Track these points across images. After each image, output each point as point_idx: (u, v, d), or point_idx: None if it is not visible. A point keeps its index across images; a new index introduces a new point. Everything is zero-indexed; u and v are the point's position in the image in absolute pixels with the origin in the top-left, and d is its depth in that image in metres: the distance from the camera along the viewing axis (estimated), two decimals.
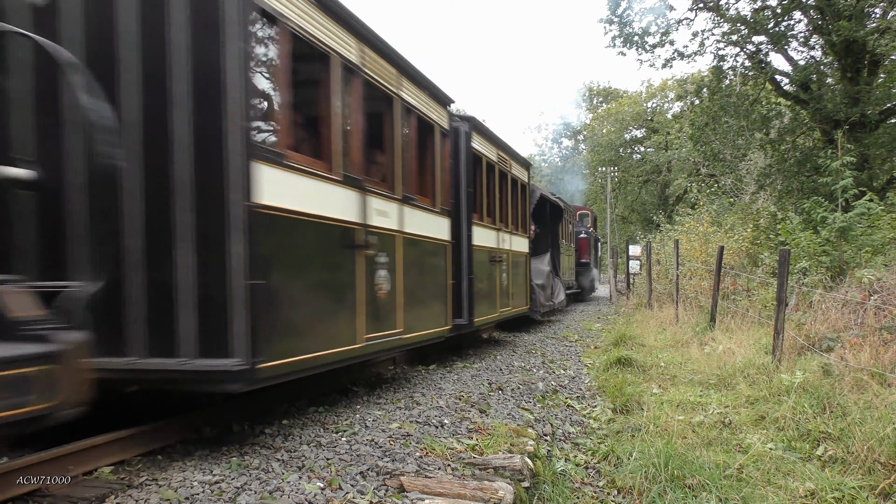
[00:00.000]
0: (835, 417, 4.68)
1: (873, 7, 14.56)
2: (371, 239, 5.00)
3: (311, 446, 4.00)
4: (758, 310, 9.38)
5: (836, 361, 5.75)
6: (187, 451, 3.98)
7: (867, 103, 14.37)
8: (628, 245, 22.20)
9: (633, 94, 50.30)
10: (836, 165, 9.24)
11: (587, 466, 4.40)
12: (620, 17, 18.48)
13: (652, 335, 10.52)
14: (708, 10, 17.75)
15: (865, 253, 8.39)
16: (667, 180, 44.21)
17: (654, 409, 5.47)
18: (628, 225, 53.24)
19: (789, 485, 3.77)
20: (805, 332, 7.02)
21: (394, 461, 3.68)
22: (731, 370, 6.63)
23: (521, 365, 7.82)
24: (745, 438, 4.66)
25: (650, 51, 18.60)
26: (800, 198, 14.39)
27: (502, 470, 3.58)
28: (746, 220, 15.13)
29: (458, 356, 8.49)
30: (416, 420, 4.68)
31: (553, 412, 5.61)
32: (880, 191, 14.03)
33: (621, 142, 49.73)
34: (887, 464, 3.86)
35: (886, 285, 6.93)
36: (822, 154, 13.46)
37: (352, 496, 3.16)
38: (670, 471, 3.86)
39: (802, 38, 16.69)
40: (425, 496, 3.14)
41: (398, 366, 7.51)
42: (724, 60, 17.90)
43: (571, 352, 9.54)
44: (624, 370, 7.53)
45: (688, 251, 15.02)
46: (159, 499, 3.11)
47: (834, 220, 8.75)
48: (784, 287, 6.71)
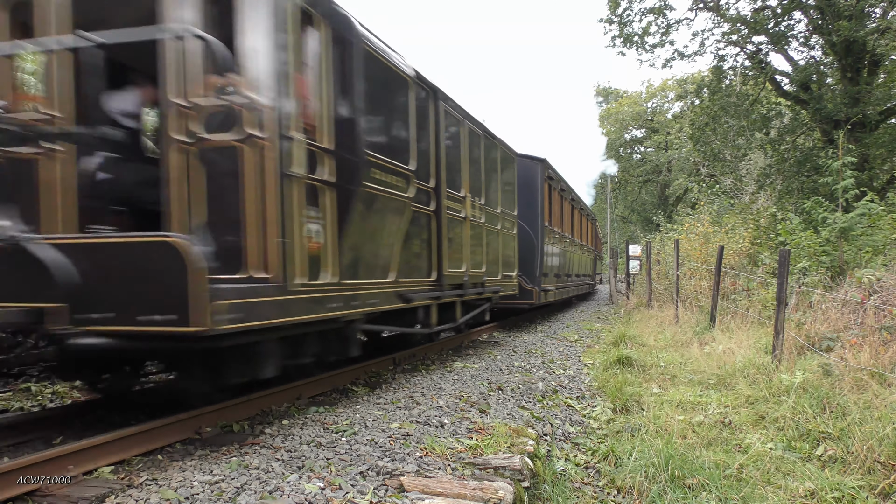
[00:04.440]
0: (835, 417, 4.68)
1: (873, 7, 14.55)
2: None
3: (311, 446, 4.00)
4: (758, 310, 9.37)
5: (835, 361, 5.75)
6: (187, 451, 3.98)
7: (867, 103, 14.36)
8: (628, 245, 22.20)
9: (633, 94, 50.30)
10: (836, 165, 9.23)
11: (587, 466, 4.40)
12: (620, 17, 18.48)
13: (652, 335, 10.52)
14: (708, 10, 17.76)
15: (865, 253, 8.38)
16: (667, 180, 44.22)
17: (653, 409, 5.47)
18: (628, 225, 53.25)
19: (789, 485, 3.77)
20: (805, 332, 7.02)
21: (394, 461, 3.68)
22: (731, 370, 6.63)
23: (521, 365, 7.82)
24: (745, 438, 4.66)
25: (650, 51, 18.62)
26: (800, 198, 14.39)
27: (502, 470, 3.58)
28: (746, 220, 15.13)
29: (458, 356, 8.49)
30: (416, 420, 4.68)
31: (553, 412, 5.61)
32: (880, 191, 14.04)
33: (621, 142, 49.75)
34: (887, 464, 3.86)
35: (886, 285, 6.92)
36: (823, 154, 13.47)
37: (352, 496, 3.16)
38: (670, 471, 3.86)
39: (802, 38, 16.69)
40: (425, 496, 3.14)
41: (398, 366, 7.52)
42: (724, 60, 17.92)
43: (571, 352, 9.54)
44: (624, 370, 7.53)
45: (688, 251, 15.02)
46: (159, 499, 3.11)
47: (834, 221, 8.74)
48: (784, 287, 6.71)
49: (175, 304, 3.59)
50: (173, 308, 3.60)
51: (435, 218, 7.25)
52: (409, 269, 6.59)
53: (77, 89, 4.51)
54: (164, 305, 3.61)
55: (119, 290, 3.68)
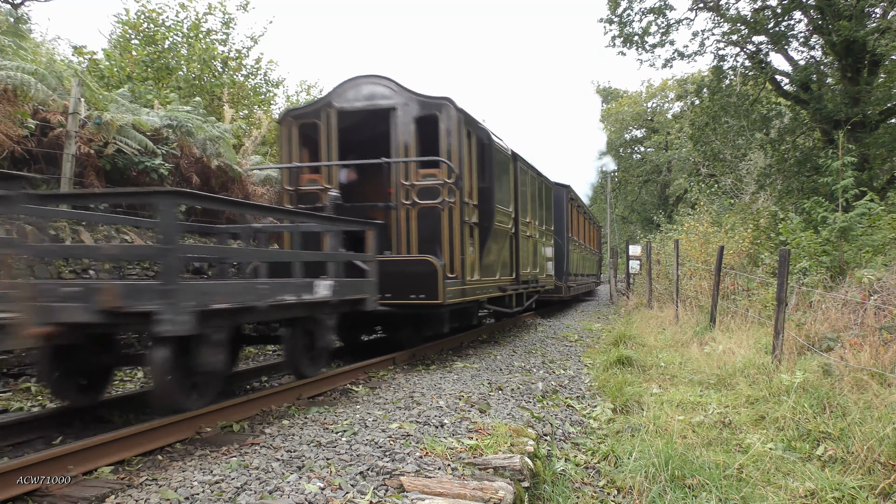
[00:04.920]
0: (835, 417, 4.67)
1: (873, 7, 14.54)
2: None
3: (310, 446, 4.00)
4: (758, 310, 9.37)
5: (836, 361, 5.75)
6: (187, 451, 3.98)
7: (867, 103, 14.35)
8: (628, 245, 22.20)
9: (633, 94, 50.29)
10: (836, 165, 9.23)
11: (587, 466, 4.40)
12: (620, 16, 18.46)
13: (652, 335, 10.51)
14: (708, 10, 17.74)
15: (866, 253, 8.38)
16: (667, 180, 44.21)
17: (653, 409, 5.47)
18: (628, 225, 53.23)
19: (789, 485, 3.76)
20: (805, 332, 7.02)
21: (394, 461, 3.67)
22: (731, 370, 6.63)
23: (521, 365, 7.82)
24: (745, 438, 4.66)
25: (650, 51, 18.60)
26: (800, 198, 14.38)
27: (502, 470, 3.58)
28: (746, 220, 15.13)
29: (458, 356, 8.48)
30: (416, 420, 4.68)
31: (553, 412, 5.60)
32: (880, 191, 14.02)
33: (621, 142, 49.73)
34: (887, 464, 3.86)
35: (886, 285, 6.92)
36: (823, 154, 13.45)
37: (352, 496, 3.15)
38: (670, 471, 3.86)
39: (802, 38, 16.67)
40: (425, 496, 3.14)
41: (398, 365, 7.51)
42: (724, 60, 17.90)
43: (571, 352, 9.54)
44: (624, 370, 7.53)
45: (688, 251, 15.02)
46: (159, 499, 3.11)
47: (834, 220, 8.74)
48: (784, 287, 6.71)
49: (429, 289, 7.25)
50: (428, 291, 7.25)
51: (514, 237, 10.57)
52: (503, 271, 9.98)
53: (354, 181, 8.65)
54: (424, 290, 7.26)
55: (400, 283, 7.32)
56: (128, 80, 13.88)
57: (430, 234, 7.90)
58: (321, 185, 8.28)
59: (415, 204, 7.98)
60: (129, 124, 8.88)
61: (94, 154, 8.39)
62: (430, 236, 7.90)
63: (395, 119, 8.05)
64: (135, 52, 15.54)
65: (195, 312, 3.96)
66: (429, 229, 7.90)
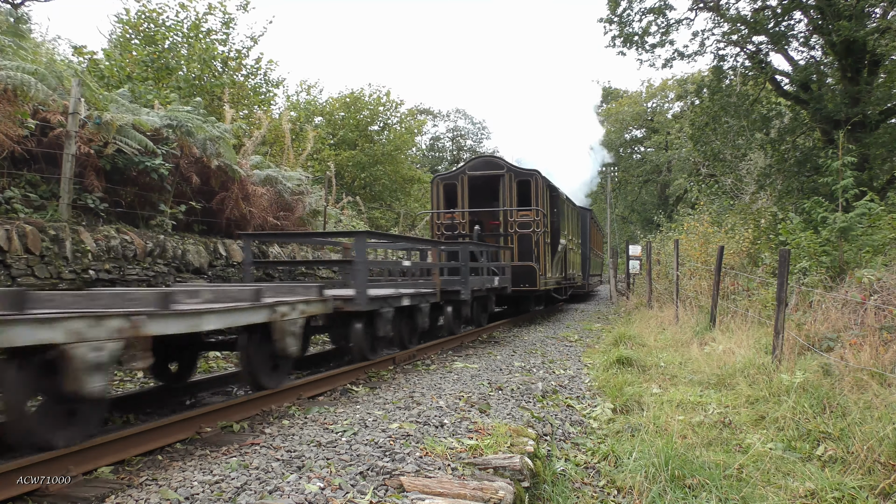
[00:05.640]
0: (835, 417, 4.67)
1: (873, 7, 14.53)
2: None
3: (310, 446, 4.00)
4: (758, 310, 9.37)
5: (836, 361, 5.75)
6: (187, 451, 3.98)
7: (867, 103, 14.33)
8: (628, 245, 22.21)
9: (633, 94, 50.28)
10: (836, 165, 9.22)
11: (587, 466, 4.40)
12: (620, 16, 18.45)
13: (652, 335, 10.51)
14: (708, 10, 17.73)
15: (866, 253, 8.37)
16: (667, 180, 44.21)
17: (654, 409, 5.47)
18: (628, 225, 53.23)
19: (789, 485, 3.76)
20: (805, 332, 7.02)
21: (394, 461, 3.67)
22: (731, 370, 6.63)
23: (521, 365, 7.82)
24: (745, 438, 4.66)
25: (650, 51, 18.58)
26: (800, 198, 14.36)
27: (502, 470, 3.58)
28: (747, 220, 15.12)
29: (458, 356, 8.49)
30: (416, 420, 4.68)
31: (553, 412, 5.60)
32: (881, 191, 14.01)
33: (621, 142, 49.73)
34: (887, 464, 3.86)
35: (886, 285, 6.92)
36: (823, 154, 13.44)
37: (352, 496, 3.15)
38: (670, 471, 3.86)
39: (802, 38, 16.65)
40: (425, 496, 3.14)
41: (398, 365, 7.52)
42: (724, 60, 17.87)
43: (571, 352, 9.54)
44: (624, 370, 7.53)
45: (688, 251, 15.02)
46: (159, 499, 3.11)
47: (834, 221, 8.73)
48: (784, 287, 6.71)
49: (531, 280, 13.55)
50: (531, 282, 13.56)
51: (565, 250, 16.25)
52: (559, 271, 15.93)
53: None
54: (529, 281, 13.54)
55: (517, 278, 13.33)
56: (128, 80, 13.87)
57: (527, 249, 13.72)
58: (457, 219, 14.14)
59: (517, 232, 13.77)
60: (129, 124, 8.87)
61: (94, 154, 8.39)
62: (527, 250, 13.72)
63: (504, 182, 13.97)
64: (135, 52, 15.53)
65: (473, 291, 10.10)
66: (526, 247, 13.74)
